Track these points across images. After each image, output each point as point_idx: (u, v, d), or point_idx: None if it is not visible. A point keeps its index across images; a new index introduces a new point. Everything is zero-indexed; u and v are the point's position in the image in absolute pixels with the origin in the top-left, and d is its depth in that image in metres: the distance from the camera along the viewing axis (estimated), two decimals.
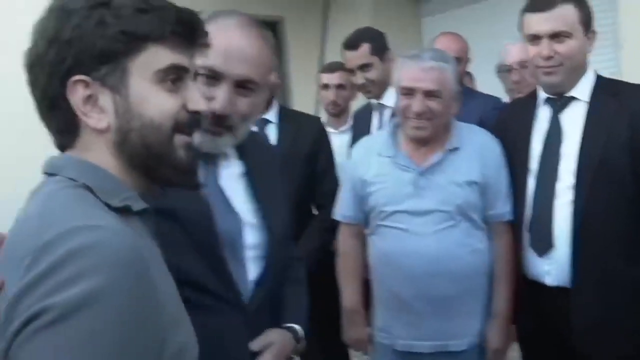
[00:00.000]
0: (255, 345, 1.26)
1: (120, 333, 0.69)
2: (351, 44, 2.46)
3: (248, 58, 1.22)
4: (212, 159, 1.27)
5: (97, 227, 0.72)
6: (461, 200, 1.81)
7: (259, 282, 1.27)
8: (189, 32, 0.87)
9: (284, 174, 1.49)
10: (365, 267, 2.03)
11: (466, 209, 1.82)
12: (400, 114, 1.86)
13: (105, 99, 0.83)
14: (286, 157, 2.23)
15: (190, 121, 0.89)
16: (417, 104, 1.79)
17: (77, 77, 0.81)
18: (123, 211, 0.82)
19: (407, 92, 1.81)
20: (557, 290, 1.78)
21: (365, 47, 2.44)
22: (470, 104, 2.62)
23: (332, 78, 2.98)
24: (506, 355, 1.95)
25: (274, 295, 1.38)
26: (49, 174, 0.85)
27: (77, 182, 0.81)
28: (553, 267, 1.78)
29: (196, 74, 1.16)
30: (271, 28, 7.19)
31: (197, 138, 1.18)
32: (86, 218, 0.73)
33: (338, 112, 3.01)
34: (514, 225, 1.88)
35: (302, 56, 6.92)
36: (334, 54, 6.21)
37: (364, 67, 2.45)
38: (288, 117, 2.40)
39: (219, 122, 1.21)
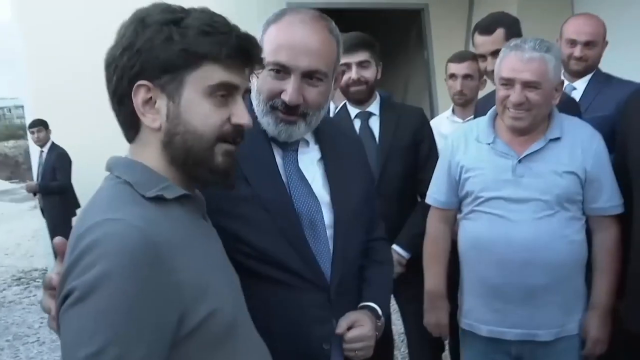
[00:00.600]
0: (340, 328, 1.34)
1: (124, 309, 0.82)
2: (486, 28, 2.37)
3: (312, 51, 1.29)
4: (291, 146, 1.39)
5: (115, 221, 0.86)
6: (561, 190, 1.78)
7: (333, 260, 1.36)
8: (244, 56, 0.99)
9: (364, 159, 1.56)
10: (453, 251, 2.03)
11: (565, 199, 1.78)
12: (499, 104, 1.86)
13: (162, 103, 0.97)
14: (389, 148, 2.32)
15: (234, 133, 1.01)
16: (515, 94, 1.77)
17: (142, 82, 0.96)
18: (159, 200, 0.95)
19: (506, 82, 1.80)
20: None
21: (500, 32, 2.35)
22: (607, 91, 2.46)
23: (460, 68, 2.94)
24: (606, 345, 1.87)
25: (356, 276, 1.45)
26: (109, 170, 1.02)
27: (120, 178, 0.97)
28: None
29: (271, 68, 1.29)
30: (414, 15, 7.18)
31: (271, 125, 1.32)
32: (111, 212, 0.88)
33: (464, 102, 2.97)
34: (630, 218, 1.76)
35: (445, 44, 6.81)
36: None
37: (496, 53, 2.33)
38: (389, 108, 2.43)
39: (292, 112, 1.31)
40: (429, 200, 2.07)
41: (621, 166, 1.86)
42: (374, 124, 2.39)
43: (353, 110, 2.43)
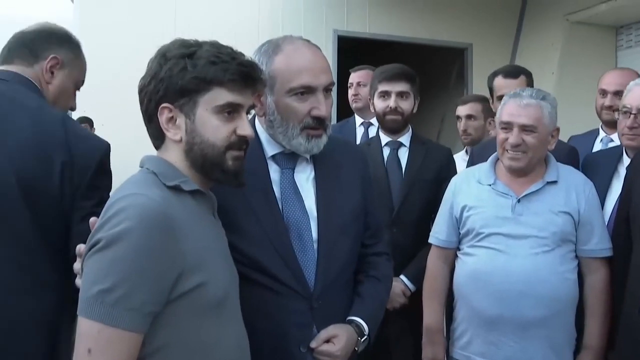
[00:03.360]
0: (315, 342, 1.44)
1: (136, 260, 1.05)
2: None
3: (326, 67, 1.48)
4: (289, 164, 1.52)
5: (141, 195, 1.11)
6: (557, 227, 1.89)
7: (316, 271, 1.46)
8: (244, 79, 1.21)
9: (362, 172, 1.65)
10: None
11: (561, 238, 1.89)
12: (499, 147, 1.98)
13: (181, 120, 1.20)
14: (413, 179, 2.39)
15: (240, 142, 1.23)
16: (513, 137, 1.91)
17: (165, 104, 1.19)
18: (176, 190, 1.18)
19: (506, 126, 1.95)
20: None
21: (521, 79, 2.62)
22: None
23: (463, 110, 3.18)
24: None
25: (344, 287, 1.53)
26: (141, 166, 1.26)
27: (149, 170, 1.21)
28: None
29: (295, 93, 1.44)
30: (458, 54, 7.26)
31: (303, 144, 1.46)
32: (138, 189, 1.13)
33: (470, 141, 3.16)
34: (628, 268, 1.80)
35: (485, 84, 6.80)
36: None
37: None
38: (419, 142, 2.51)
39: (321, 126, 1.47)
40: (431, 239, 2.15)
41: (624, 217, 1.93)
42: (403, 154, 2.46)
43: (384, 138, 2.50)
